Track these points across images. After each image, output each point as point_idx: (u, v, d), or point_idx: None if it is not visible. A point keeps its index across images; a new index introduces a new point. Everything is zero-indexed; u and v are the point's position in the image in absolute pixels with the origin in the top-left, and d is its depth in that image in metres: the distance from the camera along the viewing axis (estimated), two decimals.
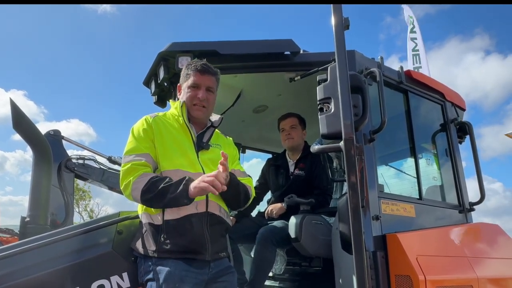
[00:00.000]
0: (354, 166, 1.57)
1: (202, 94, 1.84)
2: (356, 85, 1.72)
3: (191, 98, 1.84)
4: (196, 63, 1.89)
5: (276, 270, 2.88)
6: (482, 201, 2.97)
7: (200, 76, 1.85)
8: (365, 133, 2.21)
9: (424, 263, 2.09)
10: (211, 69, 1.90)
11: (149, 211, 1.72)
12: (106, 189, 4.57)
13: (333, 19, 1.60)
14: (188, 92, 1.85)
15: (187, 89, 1.86)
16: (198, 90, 1.84)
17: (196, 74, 1.85)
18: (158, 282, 1.57)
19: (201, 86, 1.85)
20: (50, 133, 3.98)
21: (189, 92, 1.85)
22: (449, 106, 3.01)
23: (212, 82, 1.89)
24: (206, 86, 1.86)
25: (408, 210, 2.45)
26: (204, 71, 1.86)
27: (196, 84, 1.85)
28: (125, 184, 1.68)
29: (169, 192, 1.59)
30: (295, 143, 3.09)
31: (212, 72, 1.90)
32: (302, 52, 2.46)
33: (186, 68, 1.91)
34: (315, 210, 2.80)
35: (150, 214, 1.71)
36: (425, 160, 2.97)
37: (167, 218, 1.65)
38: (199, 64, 1.87)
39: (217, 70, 1.93)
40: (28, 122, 3.03)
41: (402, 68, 2.62)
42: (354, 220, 1.58)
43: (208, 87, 1.87)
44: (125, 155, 1.74)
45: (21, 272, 1.60)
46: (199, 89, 1.85)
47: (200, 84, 1.85)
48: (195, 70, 1.86)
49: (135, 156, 1.70)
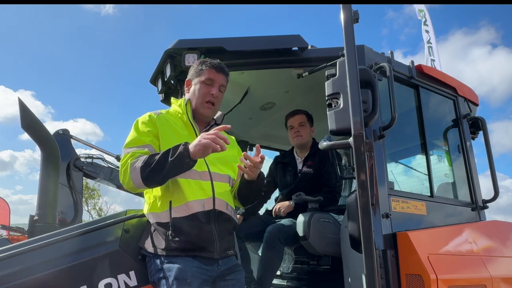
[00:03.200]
0: (364, 163, 1.53)
1: (215, 91, 1.82)
2: (366, 80, 1.68)
3: (204, 94, 1.82)
4: (211, 61, 1.88)
5: (284, 268, 2.85)
6: (496, 198, 2.90)
7: (216, 73, 1.84)
8: (375, 129, 2.18)
9: (435, 262, 2.05)
10: (226, 68, 1.90)
11: (155, 209, 1.70)
12: (114, 187, 4.60)
13: (342, 12, 1.56)
14: (201, 88, 1.83)
15: (200, 84, 1.83)
16: (211, 87, 1.83)
17: (212, 71, 1.84)
18: (169, 280, 1.57)
19: (215, 83, 1.84)
20: (59, 133, 4.02)
21: (202, 87, 1.83)
22: (462, 101, 2.94)
23: (225, 81, 1.90)
24: (220, 84, 1.86)
25: (419, 208, 2.40)
26: (220, 69, 1.86)
27: (211, 80, 1.83)
28: (123, 170, 1.62)
29: (168, 156, 1.52)
30: (303, 140, 3.05)
31: (226, 72, 1.90)
32: (310, 47, 2.42)
33: (200, 64, 1.88)
34: (323, 208, 2.77)
35: (156, 213, 1.69)
36: (436, 156, 2.91)
37: (175, 216, 1.64)
38: (216, 62, 1.87)
39: (228, 71, 1.93)
40: (37, 122, 3.05)
41: (413, 62, 2.56)
42: (364, 218, 1.55)
43: (221, 85, 1.87)
44: (124, 147, 1.70)
45: (28, 270, 1.61)
46: (213, 86, 1.83)
47: (215, 81, 1.84)
48: (211, 67, 1.84)
49: (136, 148, 1.67)
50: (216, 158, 1.78)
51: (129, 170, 1.60)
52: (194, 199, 1.67)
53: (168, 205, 1.66)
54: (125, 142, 1.72)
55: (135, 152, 1.65)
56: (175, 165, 1.53)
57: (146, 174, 1.56)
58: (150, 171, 1.55)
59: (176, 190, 1.67)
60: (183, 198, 1.66)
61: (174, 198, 1.66)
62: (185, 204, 1.65)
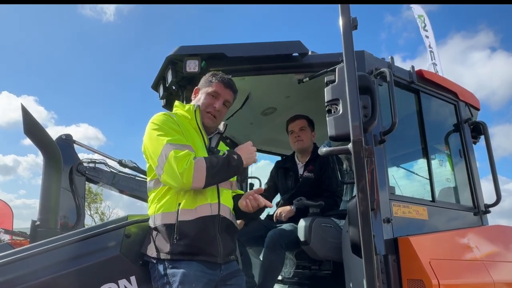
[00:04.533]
0: (363, 169, 1.54)
1: (219, 105, 1.89)
2: (365, 86, 1.69)
3: (207, 105, 1.89)
4: (222, 75, 1.96)
5: (285, 273, 2.85)
6: (498, 202, 2.89)
7: (223, 88, 1.92)
8: (376, 134, 2.18)
9: (437, 267, 2.04)
10: (234, 86, 1.98)
11: (162, 210, 1.71)
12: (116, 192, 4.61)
13: (341, 19, 1.57)
14: (205, 98, 1.90)
15: (206, 95, 1.91)
16: (216, 100, 1.90)
17: (220, 85, 1.91)
18: (173, 285, 1.58)
19: (220, 97, 1.91)
20: (62, 138, 4.05)
21: (207, 98, 1.90)
22: (463, 106, 2.94)
23: (231, 97, 1.96)
24: (225, 99, 1.92)
25: (420, 212, 2.39)
26: (228, 85, 1.94)
27: (217, 93, 1.91)
28: (187, 168, 1.59)
29: (230, 162, 1.69)
30: (304, 145, 3.06)
31: (234, 89, 1.97)
32: (311, 53, 2.43)
33: (212, 76, 1.96)
34: (324, 213, 2.76)
35: (164, 213, 1.70)
36: (438, 161, 2.91)
37: (181, 219, 1.65)
38: (226, 77, 1.95)
39: (237, 89, 2.01)
40: (39, 128, 3.08)
41: (413, 67, 2.57)
42: (364, 224, 1.55)
43: (226, 100, 1.94)
44: (170, 142, 1.65)
45: (29, 275, 1.62)
46: (217, 99, 1.90)
47: (220, 95, 1.91)
48: (220, 81, 1.92)
49: (184, 145, 1.68)
50: None
51: (193, 168, 1.60)
52: (204, 203, 1.70)
53: (177, 206, 1.68)
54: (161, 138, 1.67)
55: (190, 153, 1.65)
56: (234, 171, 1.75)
57: (212, 175, 1.64)
58: (215, 174, 1.65)
59: (188, 193, 1.69)
60: (193, 202, 1.68)
61: (184, 200, 1.68)
62: (194, 208, 1.68)
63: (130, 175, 4.57)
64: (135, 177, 4.60)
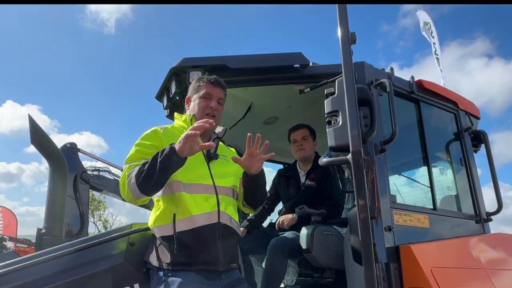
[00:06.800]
0: (363, 179, 1.56)
1: (214, 103, 1.89)
2: (364, 98, 1.72)
3: (204, 108, 1.88)
4: (208, 77, 1.96)
5: (288, 281, 2.86)
6: (500, 210, 2.90)
7: (213, 87, 1.92)
8: (376, 143, 2.21)
9: (439, 275, 2.05)
10: (222, 82, 1.98)
11: (159, 223, 1.72)
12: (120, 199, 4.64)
13: (340, 33, 1.61)
14: (200, 103, 1.90)
15: (199, 99, 1.91)
16: (210, 101, 1.90)
17: (208, 86, 1.92)
18: None
19: (213, 97, 1.91)
20: (67, 146, 4.08)
21: (201, 102, 1.90)
22: (463, 115, 2.97)
23: (222, 94, 1.96)
24: (218, 97, 1.92)
25: (422, 220, 2.40)
26: (216, 83, 1.94)
27: (209, 94, 1.91)
28: (122, 184, 1.67)
29: (158, 158, 1.57)
30: (306, 154, 3.09)
31: (223, 86, 1.97)
32: (312, 64, 2.48)
33: (197, 81, 1.97)
34: (326, 221, 2.78)
35: (161, 226, 1.71)
36: (439, 169, 2.93)
37: (179, 230, 1.65)
38: (212, 77, 1.95)
39: (226, 85, 2.00)
40: (45, 137, 3.12)
41: (413, 78, 2.61)
42: (364, 232, 1.57)
43: (219, 98, 1.94)
44: (124, 163, 1.72)
45: (35, 283, 1.64)
46: (211, 100, 1.90)
47: (212, 95, 1.91)
48: (207, 82, 1.93)
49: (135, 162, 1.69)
50: (220, 171, 1.83)
51: (126, 182, 1.63)
52: (199, 213, 1.68)
53: (172, 218, 1.68)
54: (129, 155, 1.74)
55: (132, 165, 1.68)
56: (165, 165, 1.56)
57: (141, 181, 1.59)
58: (143, 178, 1.58)
59: (180, 204, 1.68)
60: (187, 211, 1.67)
61: (178, 211, 1.68)
62: (189, 217, 1.66)
63: None
64: None
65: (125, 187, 1.65)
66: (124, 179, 1.66)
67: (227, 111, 2.59)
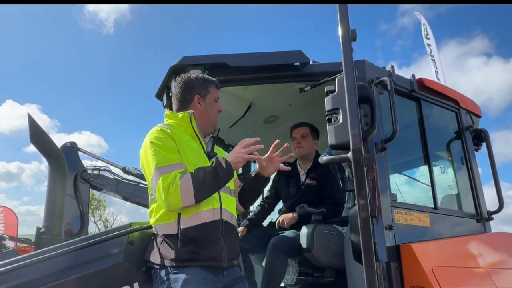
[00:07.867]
0: (363, 177, 1.56)
1: (220, 106, 2.03)
2: (365, 96, 1.72)
3: (217, 112, 2.00)
4: (212, 79, 2.02)
5: (288, 280, 2.85)
6: (501, 209, 2.89)
7: (217, 91, 2.02)
8: (377, 142, 2.20)
9: (440, 275, 2.04)
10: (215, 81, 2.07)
11: (163, 221, 1.72)
12: (120, 199, 4.63)
13: (340, 31, 1.60)
14: (214, 106, 1.99)
15: (213, 102, 1.99)
16: (218, 104, 2.01)
17: (216, 90, 2.01)
18: None
19: (218, 99, 2.02)
20: (67, 145, 4.07)
21: (213, 106, 1.99)
22: (464, 114, 2.96)
23: None
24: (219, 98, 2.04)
25: (422, 219, 2.40)
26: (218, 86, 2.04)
27: (217, 97, 2.01)
28: (172, 192, 1.60)
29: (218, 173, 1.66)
30: (304, 152, 3.08)
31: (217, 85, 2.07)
32: (312, 62, 2.47)
33: (204, 81, 1.97)
34: (326, 220, 2.77)
35: (165, 224, 1.71)
36: (440, 168, 2.92)
37: (184, 227, 1.66)
38: (215, 80, 2.03)
39: None
40: (45, 136, 3.11)
41: (414, 76, 2.59)
42: (364, 233, 1.56)
43: None
44: (158, 167, 1.66)
45: (34, 282, 1.64)
46: (218, 103, 2.02)
47: (218, 98, 2.02)
48: (215, 85, 2.01)
49: (171, 166, 1.67)
50: None
51: (180, 191, 1.60)
52: (206, 209, 1.71)
53: (177, 216, 1.68)
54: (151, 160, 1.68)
55: (176, 174, 1.64)
56: (224, 181, 1.71)
57: (201, 192, 1.64)
58: (204, 189, 1.64)
59: None
60: (194, 208, 1.68)
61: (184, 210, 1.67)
62: (196, 214, 1.68)
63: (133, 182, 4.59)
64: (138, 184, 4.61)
65: (177, 196, 1.60)
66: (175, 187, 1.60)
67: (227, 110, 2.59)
